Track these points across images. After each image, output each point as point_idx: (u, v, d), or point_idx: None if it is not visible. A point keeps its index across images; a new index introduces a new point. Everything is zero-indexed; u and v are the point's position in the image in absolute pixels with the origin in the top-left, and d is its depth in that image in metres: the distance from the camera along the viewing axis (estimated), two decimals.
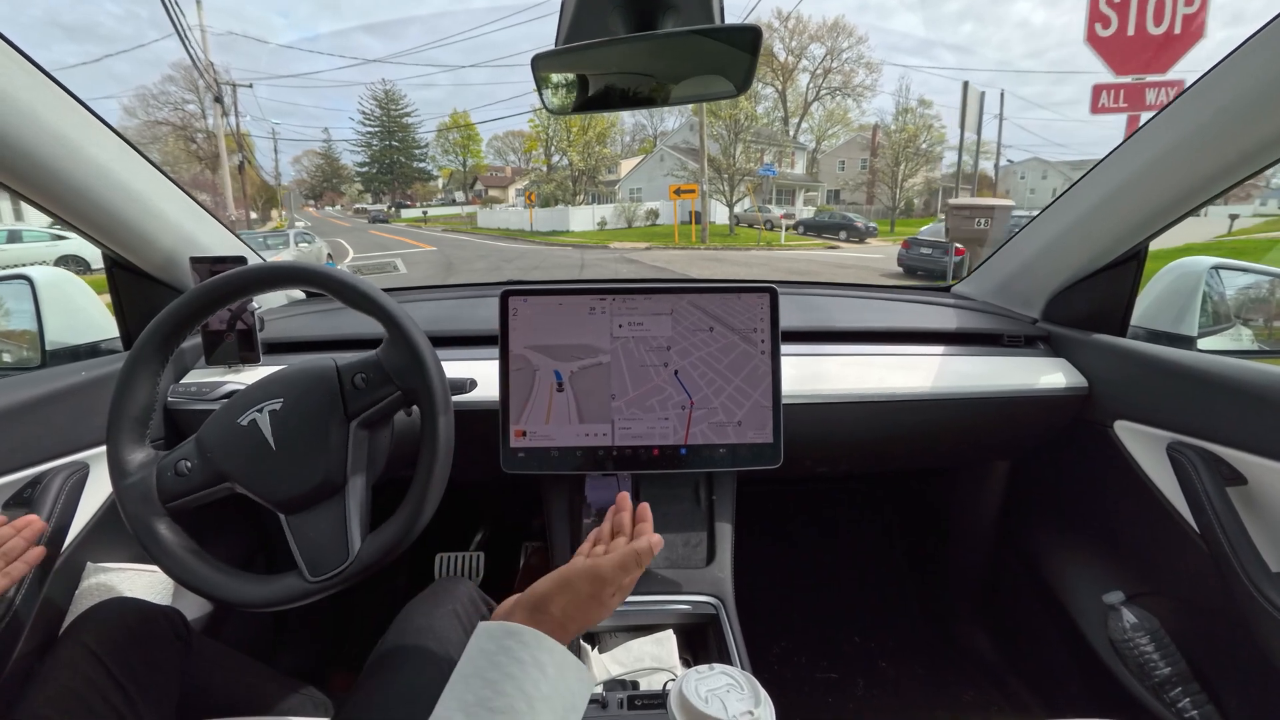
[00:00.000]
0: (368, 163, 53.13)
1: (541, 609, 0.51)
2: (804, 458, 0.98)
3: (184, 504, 0.67)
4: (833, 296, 1.32)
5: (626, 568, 0.55)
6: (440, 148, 51.36)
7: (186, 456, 0.68)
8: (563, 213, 25.72)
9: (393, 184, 51.66)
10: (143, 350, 0.68)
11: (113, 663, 0.65)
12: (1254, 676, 0.81)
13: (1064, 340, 1.10)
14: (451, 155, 50.74)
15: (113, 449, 0.67)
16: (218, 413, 0.70)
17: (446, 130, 50.32)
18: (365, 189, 54.38)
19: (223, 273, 0.70)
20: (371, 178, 53.16)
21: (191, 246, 1.03)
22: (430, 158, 52.78)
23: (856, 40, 28.38)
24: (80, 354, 1.07)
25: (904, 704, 1.30)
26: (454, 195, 50.80)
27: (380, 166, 51.91)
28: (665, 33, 0.62)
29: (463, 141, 49.61)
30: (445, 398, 0.69)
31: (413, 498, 0.67)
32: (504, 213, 31.70)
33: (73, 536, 0.82)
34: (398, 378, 0.69)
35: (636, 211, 25.00)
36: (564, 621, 0.51)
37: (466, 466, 0.78)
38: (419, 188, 52.55)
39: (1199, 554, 0.84)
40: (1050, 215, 1.09)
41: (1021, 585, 1.26)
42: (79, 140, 0.81)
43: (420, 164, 52.59)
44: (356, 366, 0.70)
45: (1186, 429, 0.87)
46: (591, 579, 0.53)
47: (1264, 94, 0.70)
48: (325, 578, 0.64)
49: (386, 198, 51.15)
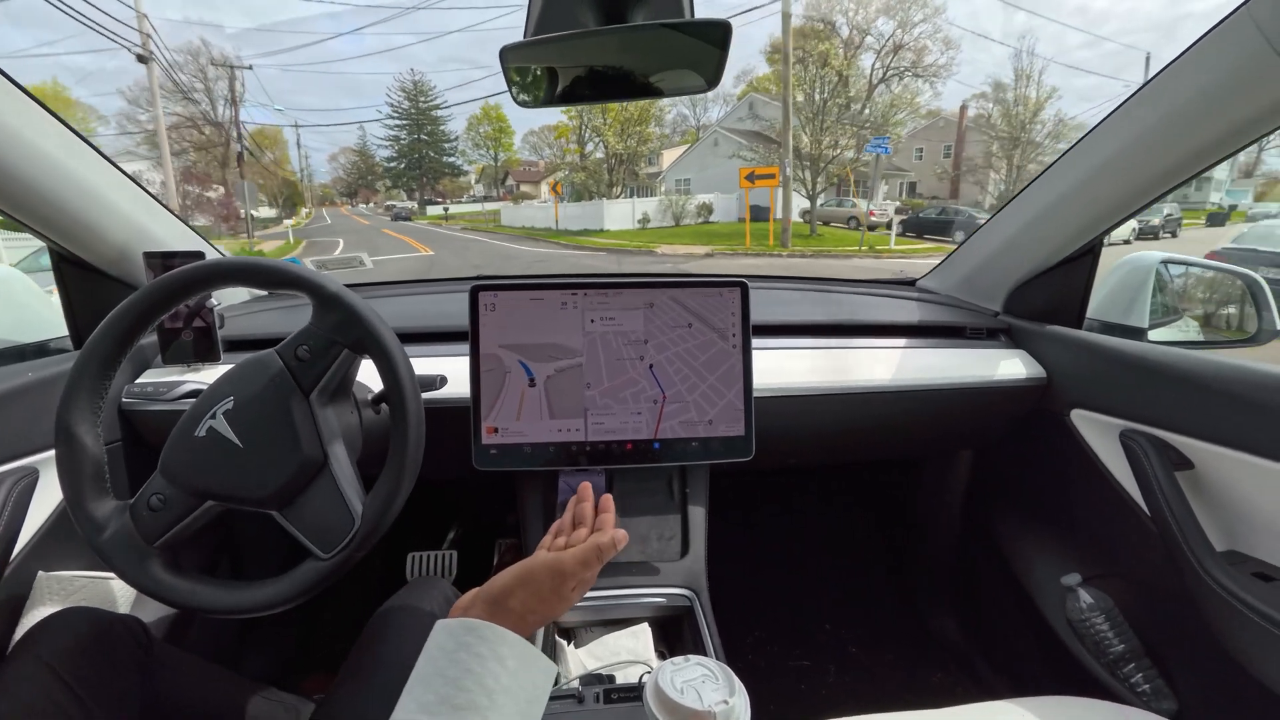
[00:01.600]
0: (396, 158, 50.75)
1: (501, 603, 0.51)
2: (775, 450, 1.00)
3: (171, 537, 0.64)
4: (802, 291, 1.33)
5: (588, 563, 0.54)
6: (471, 141, 48.44)
7: (156, 490, 0.65)
8: (596, 208, 21.52)
9: (421, 180, 49.56)
10: (76, 388, 0.64)
11: (69, 675, 0.62)
12: (1201, 651, 0.85)
13: (1024, 332, 1.14)
14: (483, 150, 47.83)
15: (77, 509, 0.63)
16: (173, 435, 0.67)
17: (478, 124, 47.09)
18: (393, 185, 52.45)
19: (177, 268, 0.67)
20: (399, 174, 50.97)
21: (145, 240, 0.99)
22: (461, 152, 50.04)
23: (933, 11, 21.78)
24: (27, 354, 1.02)
25: (875, 689, 1.33)
26: (485, 191, 48.63)
27: (409, 162, 49.59)
28: (634, 26, 0.62)
29: (494, 135, 46.44)
30: (393, 337, 0.68)
31: (394, 449, 0.66)
32: (530, 209, 27.98)
33: (22, 545, 0.78)
34: (338, 335, 0.67)
35: (685, 206, 20.88)
36: (524, 615, 0.51)
37: (438, 464, 0.77)
38: (448, 184, 50.28)
39: (1150, 536, 0.88)
40: (1010, 211, 1.12)
41: (986, 570, 1.30)
42: (18, 127, 0.77)
43: (450, 159, 50.10)
44: (295, 341, 0.68)
45: (1138, 417, 0.91)
46: (552, 573, 0.53)
47: (1210, 96, 0.73)
48: (339, 550, 0.63)
49: (415, 195, 49.37)
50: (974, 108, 25.76)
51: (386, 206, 46.32)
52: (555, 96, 0.72)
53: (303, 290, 0.68)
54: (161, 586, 0.63)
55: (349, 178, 56.27)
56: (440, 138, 49.55)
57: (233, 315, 1.11)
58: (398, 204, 44.01)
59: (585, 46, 0.65)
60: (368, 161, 54.67)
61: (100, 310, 0.70)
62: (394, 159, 51.16)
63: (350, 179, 56.13)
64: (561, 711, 0.66)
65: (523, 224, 25.84)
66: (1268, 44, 0.64)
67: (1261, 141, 0.77)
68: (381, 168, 53.24)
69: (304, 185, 47.50)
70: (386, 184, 53.02)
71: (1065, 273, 1.08)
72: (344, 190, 57.22)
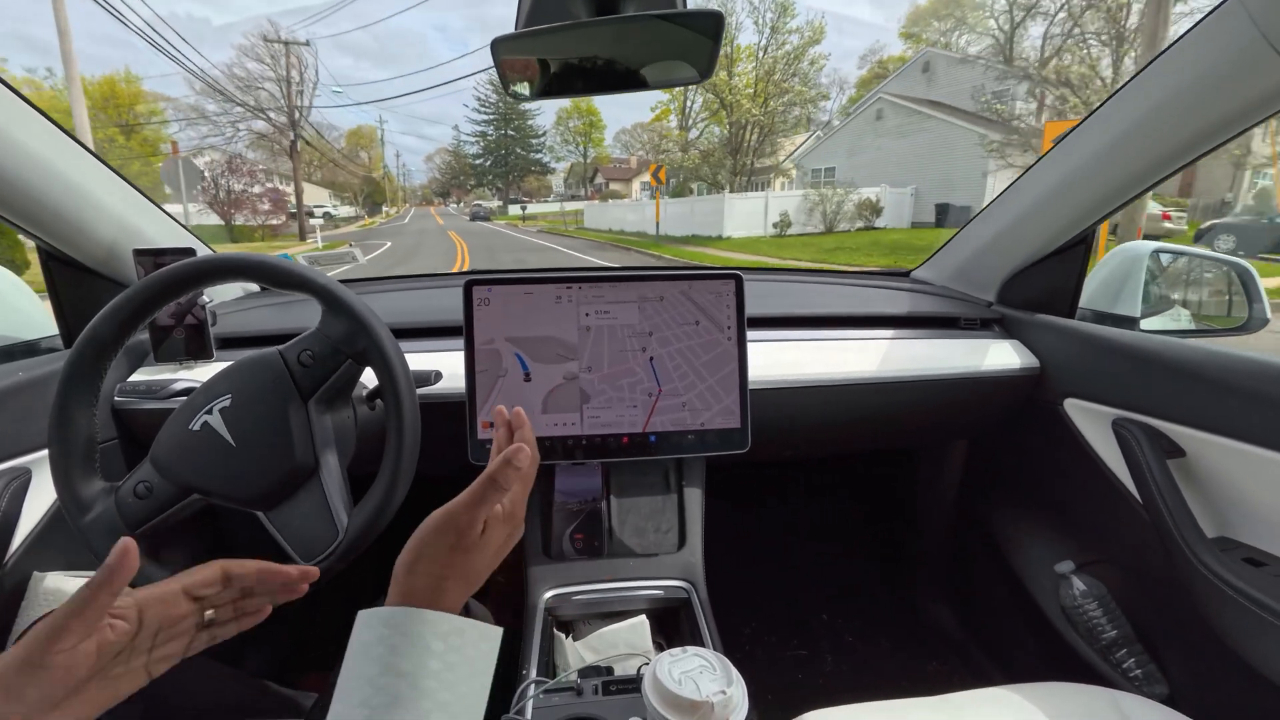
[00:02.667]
0: (482, 154, 49.11)
1: (406, 583, 0.45)
2: (771, 442, 1.00)
3: (153, 526, 0.64)
4: (796, 283, 1.33)
5: (482, 500, 0.46)
6: (560, 137, 45.52)
7: (144, 478, 0.65)
8: (712, 205, 15.68)
9: (507, 177, 47.81)
10: (75, 371, 0.63)
11: None
12: (1192, 635, 0.86)
13: (1017, 322, 1.14)
14: (571, 146, 44.96)
15: (64, 487, 0.63)
16: (166, 425, 0.67)
17: (567, 118, 44.26)
18: (478, 183, 50.98)
19: (167, 265, 0.67)
20: (484, 171, 49.19)
21: (135, 238, 0.98)
22: (548, 148, 47.83)
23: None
24: (16, 354, 1.01)
25: (871, 678, 1.34)
26: (572, 190, 45.82)
27: (495, 159, 47.77)
28: (626, 17, 0.62)
29: (584, 129, 43.65)
30: (398, 352, 0.67)
31: (388, 461, 0.66)
32: (619, 209, 23.01)
33: (16, 546, 0.77)
34: (344, 345, 0.67)
35: (842, 204, 14.69)
36: (435, 585, 0.45)
37: (434, 459, 0.77)
38: (534, 182, 48.21)
39: (1142, 523, 0.89)
40: (1003, 202, 1.13)
41: (980, 559, 1.31)
42: (4, 124, 0.76)
43: (537, 155, 47.98)
44: (299, 345, 0.68)
45: (1130, 405, 0.91)
46: (442, 529, 0.46)
47: (1202, 86, 0.73)
48: (319, 559, 0.63)
49: (501, 194, 47.66)
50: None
51: (474, 205, 45.42)
52: (547, 88, 0.72)
53: (313, 294, 0.67)
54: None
55: (443, 178, 56.05)
56: (528, 133, 47.75)
57: (225, 312, 1.10)
58: (482, 203, 42.85)
59: (577, 38, 0.65)
60: (460, 161, 53.89)
61: (90, 308, 0.69)
62: (480, 156, 49.37)
63: (444, 179, 55.99)
64: (561, 704, 0.66)
65: (609, 226, 21.77)
66: (1259, 34, 0.64)
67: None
68: (469, 165, 52.12)
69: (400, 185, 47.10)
70: (472, 181, 51.67)
71: (1058, 263, 1.09)
72: (438, 190, 57.14)
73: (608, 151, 45.20)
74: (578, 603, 0.84)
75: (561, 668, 0.76)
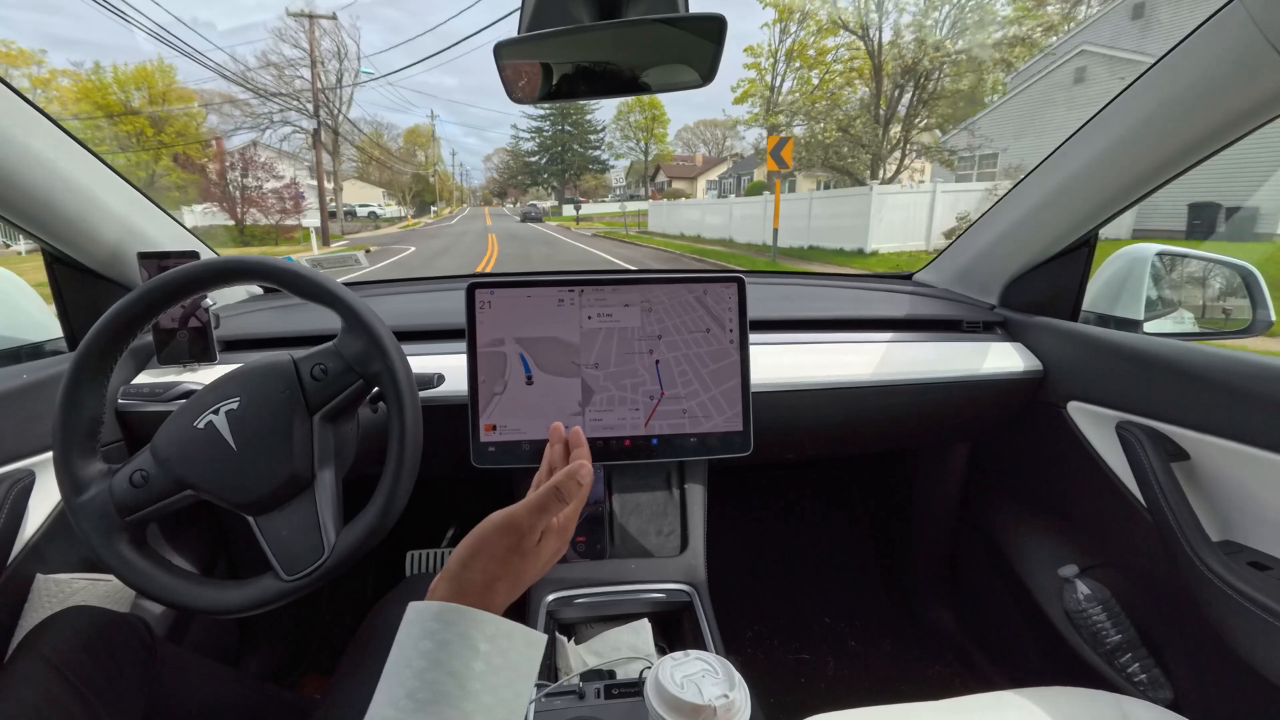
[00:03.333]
0: (538, 151, 45.78)
1: (460, 578, 0.46)
2: (773, 444, 1.00)
3: (144, 515, 0.64)
4: (799, 286, 1.33)
5: (545, 508, 0.49)
6: (620, 132, 42.27)
7: (142, 467, 0.65)
8: (850, 203, 10.68)
9: (563, 175, 44.93)
10: (87, 356, 0.64)
11: (73, 674, 0.62)
12: (1197, 640, 0.86)
13: (1020, 325, 1.14)
14: (632, 141, 41.73)
15: (62, 465, 0.63)
16: (172, 417, 0.68)
17: (628, 111, 40.68)
18: (533, 182, 48.35)
19: (172, 268, 0.67)
20: (539, 169, 46.25)
21: (138, 240, 0.99)
22: (607, 144, 43.97)
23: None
24: (21, 356, 1.01)
25: (874, 681, 1.34)
26: (630, 189, 42.79)
27: (550, 155, 44.58)
28: (629, 21, 0.62)
29: (646, 124, 40.16)
30: (409, 381, 0.67)
31: (384, 486, 0.66)
32: (691, 208, 19.40)
33: (19, 547, 0.78)
34: (357, 365, 0.67)
35: None
36: (489, 585, 0.46)
37: (436, 462, 0.77)
38: (591, 180, 45.39)
39: (1146, 527, 0.89)
40: (1006, 204, 1.12)
41: (983, 562, 1.31)
42: (8, 127, 0.76)
43: (595, 151, 44.44)
44: (314, 358, 0.68)
45: (1134, 408, 0.91)
46: (505, 530, 0.48)
47: (1205, 89, 0.73)
48: (301, 575, 0.63)
49: (555, 193, 44.88)
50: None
51: (525, 206, 42.96)
52: (550, 92, 0.72)
53: (334, 308, 0.67)
54: (123, 563, 0.63)
55: (501, 178, 54.65)
56: (586, 129, 44.56)
57: (228, 315, 1.11)
58: (535, 203, 40.05)
59: (580, 42, 0.65)
60: (517, 160, 51.44)
61: (94, 311, 0.69)
62: (536, 153, 46.12)
63: (502, 179, 54.64)
64: (563, 708, 0.66)
65: (681, 230, 17.99)
66: (1261, 35, 0.64)
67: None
68: (525, 164, 49.14)
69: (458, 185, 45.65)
70: (526, 181, 49.10)
71: (1061, 265, 1.08)
72: (496, 190, 56.02)
73: (670, 149, 41.76)
74: (580, 606, 0.84)
75: (563, 671, 0.76)
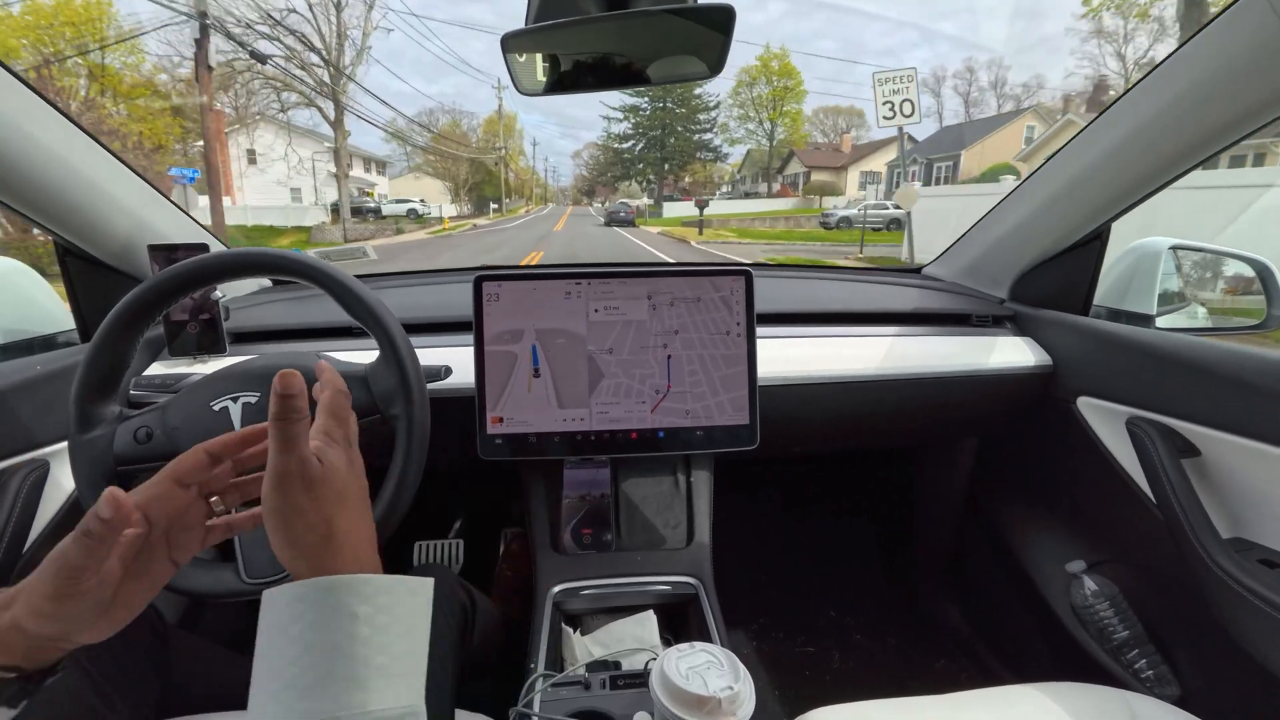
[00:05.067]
0: (633, 135, 34.87)
1: (299, 569, 0.40)
2: (779, 438, 1.00)
3: (134, 469, 0.65)
4: (807, 279, 1.33)
5: (275, 463, 0.40)
6: (738, 110, 31.42)
7: (149, 424, 0.66)
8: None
9: (662, 166, 34.93)
10: (122, 314, 0.64)
11: (86, 661, 0.63)
12: (1205, 637, 0.85)
13: (1030, 319, 1.13)
14: (753, 123, 31.12)
15: (77, 398, 0.64)
16: (192, 389, 0.68)
17: (752, 81, 29.93)
18: (625, 175, 38.28)
19: (181, 260, 0.67)
20: (633, 160, 35.90)
21: (149, 233, 0.99)
22: (721, 127, 32.82)
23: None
24: (35, 347, 1.02)
25: (878, 675, 1.34)
26: (745, 185, 32.54)
27: (646, 141, 33.89)
28: (637, 12, 0.61)
29: (776, 95, 29.39)
30: (424, 437, 0.66)
31: (388, 489, 0.65)
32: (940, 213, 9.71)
33: (35, 535, 0.79)
34: (382, 403, 0.66)
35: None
36: (326, 549, 0.40)
37: (443, 454, 0.77)
38: (699, 170, 34.98)
39: (1155, 523, 0.88)
40: (1017, 197, 1.11)
41: (989, 557, 1.30)
42: (22, 122, 0.77)
43: (705, 135, 33.45)
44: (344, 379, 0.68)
45: (1144, 404, 0.90)
46: (267, 512, 0.40)
47: (1222, 79, 0.72)
48: (258, 581, 0.64)
49: (651, 189, 35.03)
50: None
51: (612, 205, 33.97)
52: (557, 84, 0.72)
53: (375, 333, 0.65)
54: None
55: (590, 174, 48.06)
56: (695, 106, 33.19)
57: (237, 307, 1.11)
58: (626, 201, 30.19)
59: (588, 33, 0.65)
60: (608, 153, 42.92)
61: (106, 303, 0.70)
62: (630, 137, 34.88)
63: (591, 175, 47.77)
64: (568, 697, 0.67)
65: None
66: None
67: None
68: (613, 152, 39.79)
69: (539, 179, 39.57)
70: (618, 173, 39.93)
71: (1072, 259, 1.07)
72: (584, 188, 49.71)
73: (806, 134, 31.23)
74: (585, 597, 0.85)
75: (569, 661, 0.77)
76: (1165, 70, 0.78)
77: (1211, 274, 1.24)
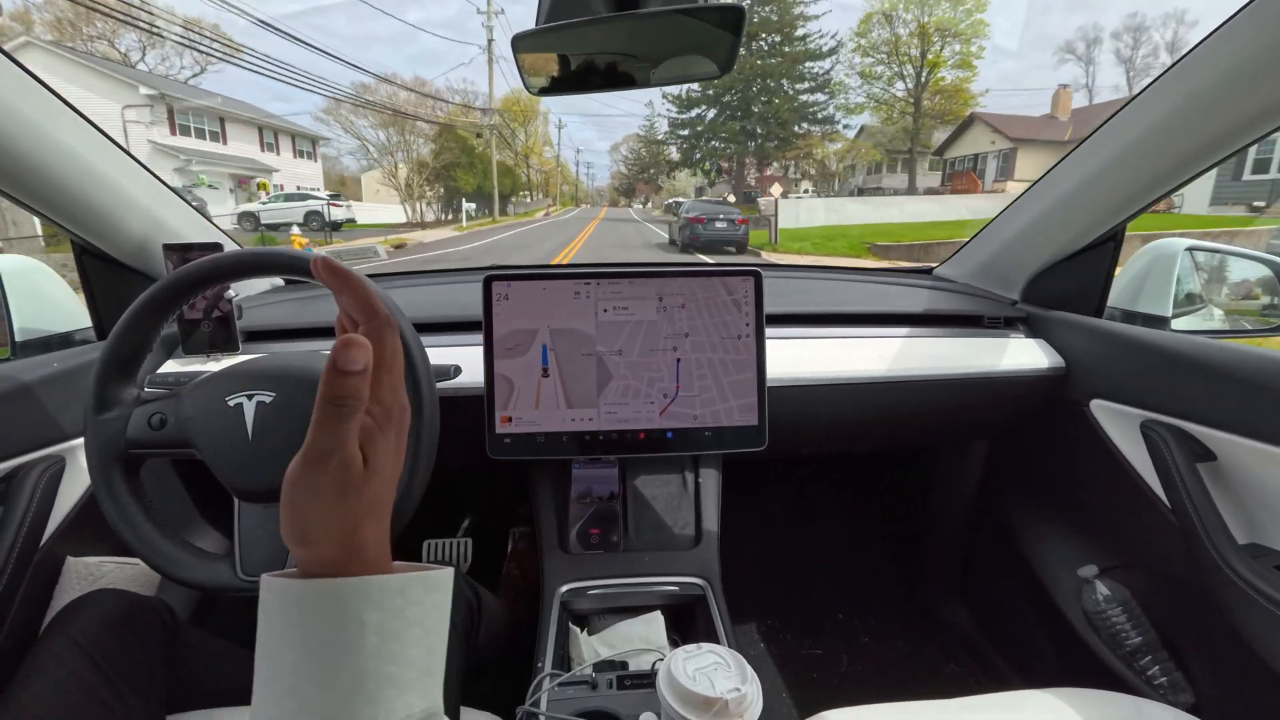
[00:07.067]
0: (704, 102, 22.62)
1: (309, 558, 0.36)
2: (788, 440, 1.00)
3: (146, 454, 0.67)
4: (817, 280, 1.32)
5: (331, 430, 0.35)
6: (861, 60, 20.57)
7: (164, 412, 0.67)
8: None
9: (746, 142, 22.29)
10: (149, 301, 0.65)
11: (99, 655, 0.64)
12: (1219, 644, 0.84)
13: (1043, 321, 1.12)
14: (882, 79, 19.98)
15: (97, 379, 0.65)
16: (209, 380, 0.69)
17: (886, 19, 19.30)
18: (683, 163, 27.89)
19: (196, 259, 0.68)
20: (698, 137, 23.53)
21: (163, 232, 1.01)
22: (836, 86, 21.49)
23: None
24: (51, 345, 1.04)
25: (887, 678, 1.33)
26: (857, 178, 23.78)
27: (724, 110, 21.85)
28: (647, 12, 0.61)
29: (920, 33, 18.84)
30: (433, 436, 0.67)
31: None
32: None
33: (51, 530, 0.80)
34: None
35: None
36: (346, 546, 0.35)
37: (452, 453, 0.78)
38: (805, 144, 22.21)
39: (1170, 528, 0.87)
40: (1030, 198, 1.10)
41: (999, 561, 1.29)
42: (41, 123, 0.78)
43: (812, 99, 21.79)
44: None
45: (1159, 407, 0.89)
46: (309, 477, 0.36)
47: (1237, 79, 0.71)
48: (255, 581, 0.64)
49: (731, 179, 25.25)
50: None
51: (666, 206, 24.65)
52: (568, 84, 0.72)
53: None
54: (109, 492, 0.65)
55: (629, 171, 40.65)
56: (797, 53, 21.14)
57: (250, 306, 1.12)
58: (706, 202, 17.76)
59: (598, 33, 0.65)
60: (652, 149, 34.34)
61: (122, 301, 0.71)
62: (695, 103, 22.91)
63: (630, 172, 40.24)
64: (575, 697, 0.67)
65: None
66: None
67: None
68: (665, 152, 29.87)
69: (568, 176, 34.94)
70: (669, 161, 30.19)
71: (1086, 260, 1.06)
72: (622, 186, 43.59)
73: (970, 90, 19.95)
74: (593, 597, 0.85)
75: (576, 661, 0.77)
76: (1180, 70, 0.77)
77: (1229, 275, 1.22)
